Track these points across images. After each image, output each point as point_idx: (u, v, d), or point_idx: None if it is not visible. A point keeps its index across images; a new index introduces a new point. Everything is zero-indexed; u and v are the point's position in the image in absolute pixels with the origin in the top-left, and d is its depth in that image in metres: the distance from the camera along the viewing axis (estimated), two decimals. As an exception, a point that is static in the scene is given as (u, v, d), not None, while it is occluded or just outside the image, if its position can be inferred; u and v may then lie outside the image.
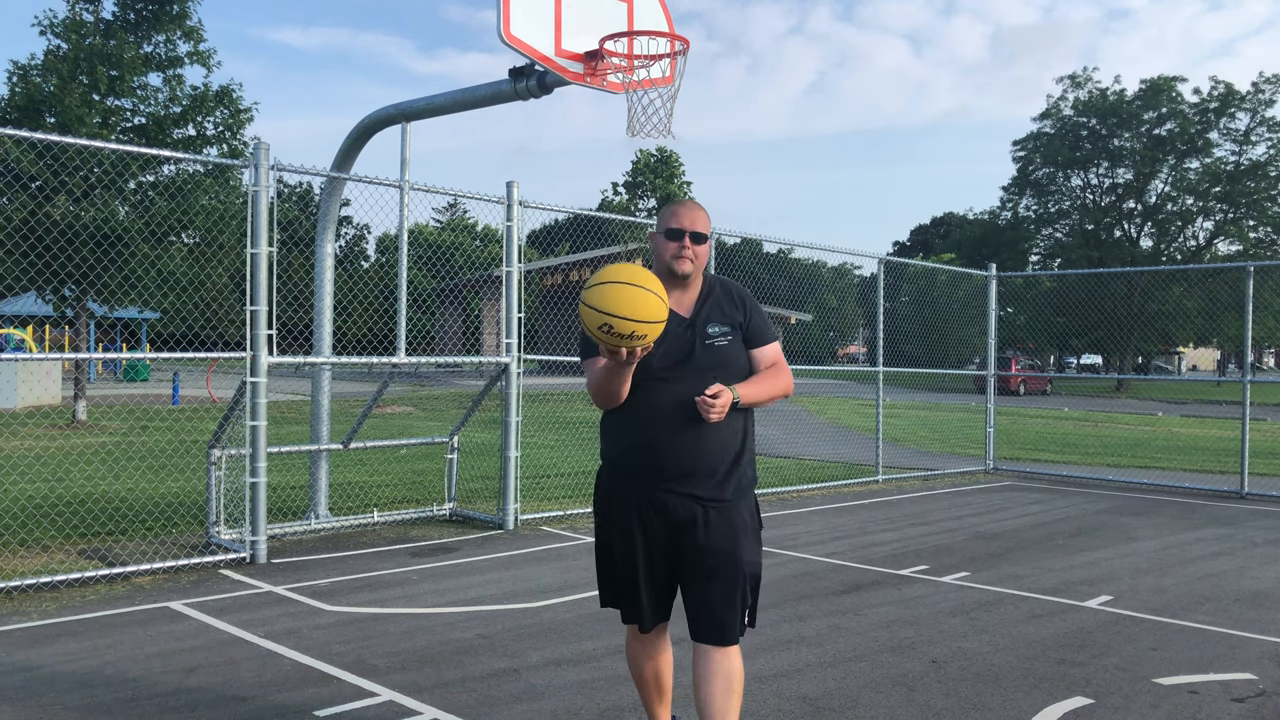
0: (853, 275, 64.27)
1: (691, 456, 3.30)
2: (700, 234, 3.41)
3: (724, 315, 3.43)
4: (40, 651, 5.02)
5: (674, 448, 3.30)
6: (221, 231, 16.97)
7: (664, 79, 7.46)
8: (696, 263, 3.41)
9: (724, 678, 3.32)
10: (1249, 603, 6.39)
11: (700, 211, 3.46)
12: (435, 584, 6.59)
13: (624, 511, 3.39)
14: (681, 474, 3.31)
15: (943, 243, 65.85)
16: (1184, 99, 45.37)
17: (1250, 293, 11.59)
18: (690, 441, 3.29)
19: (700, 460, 3.31)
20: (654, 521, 3.35)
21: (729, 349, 3.38)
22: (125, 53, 16.55)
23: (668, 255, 3.41)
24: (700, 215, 3.45)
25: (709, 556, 3.32)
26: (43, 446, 13.79)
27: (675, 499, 3.32)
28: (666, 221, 3.43)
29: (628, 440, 3.38)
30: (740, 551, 3.36)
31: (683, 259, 3.39)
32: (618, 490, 3.42)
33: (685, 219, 3.41)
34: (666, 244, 3.42)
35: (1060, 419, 25.89)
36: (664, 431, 3.30)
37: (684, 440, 3.29)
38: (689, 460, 3.30)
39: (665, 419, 3.29)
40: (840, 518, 9.65)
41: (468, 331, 42.00)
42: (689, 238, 3.39)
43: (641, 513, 3.36)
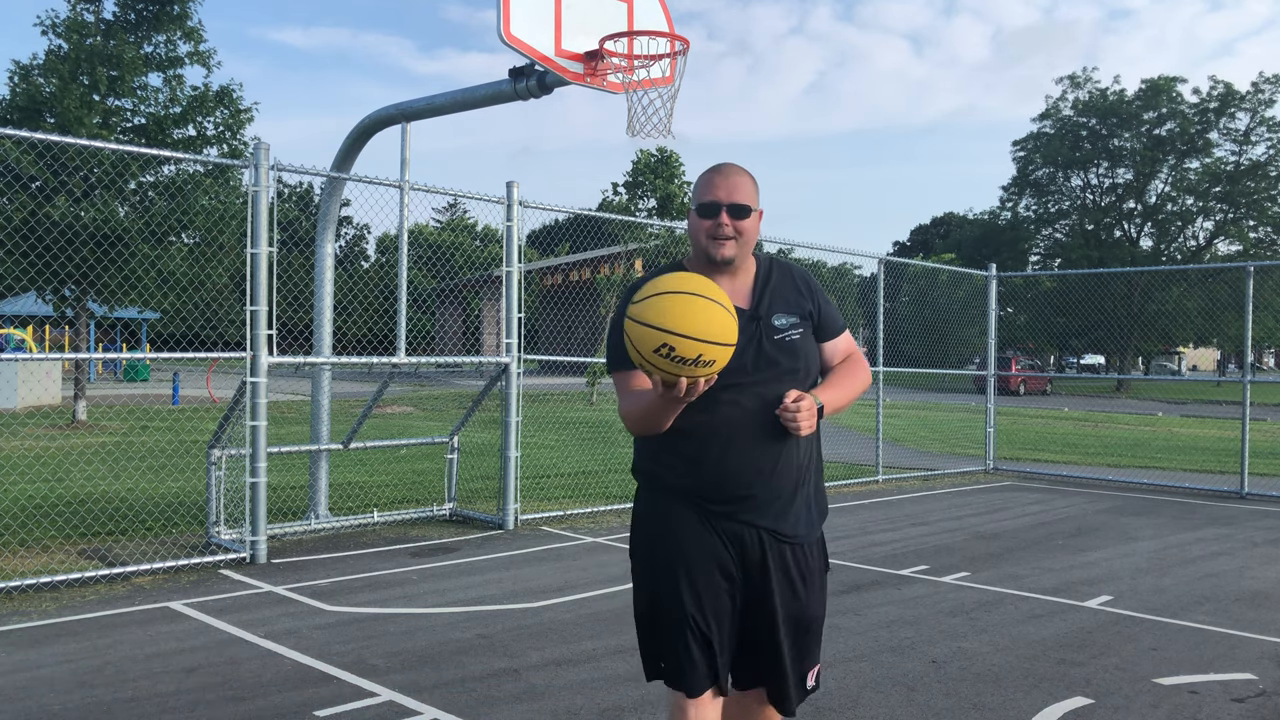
0: (853, 275, 64.25)
1: (762, 483, 2.66)
2: (742, 206, 2.68)
3: (790, 304, 2.77)
4: (40, 651, 5.02)
5: (741, 471, 2.64)
6: (221, 231, 16.96)
7: (664, 79, 7.46)
8: (741, 242, 2.69)
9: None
10: (1249, 603, 6.39)
11: (741, 177, 2.71)
12: (435, 584, 6.58)
13: (675, 548, 2.69)
14: (750, 503, 2.67)
15: (943, 243, 65.83)
16: (1184, 99, 45.38)
17: (1250, 293, 11.59)
18: (762, 463, 2.65)
19: (773, 488, 2.67)
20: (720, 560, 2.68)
21: (802, 344, 2.74)
22: (126, 53, 16.55)
23: (704, 237, 2.69)
24: (743, 182, 2.70)
25: (775, 607, 2.72)
26: (43, 446, 13.79)
27: (744, 532, 2.68)
28: (699, 194, 2.71)
29: (683, 461, 2.68)
30: (810, 603, 2.78)
31: (721, 241, 2.67)
32: (672, 522, 2.71)
33: (720, 189, 2.67)
34: (701, 222, 2.70)
35: (1060, 419, 25.89)
36: (730, 451, 2.64)
37: (754, 462, 2.65)
38: (760, 487, 2.66)
39: (731, 435, 2.64)
40: (840, 518, 9.64)
41: (468, 331, 41.99)
42: (726, 212, 2.66)
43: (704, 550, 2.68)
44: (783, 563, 2.71)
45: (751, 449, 2.64)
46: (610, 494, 10.35)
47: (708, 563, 2.67)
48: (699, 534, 2.68)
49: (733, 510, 2.66)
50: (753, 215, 2.70)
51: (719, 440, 2.64)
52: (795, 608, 2.75)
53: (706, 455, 2.65)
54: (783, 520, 2.70)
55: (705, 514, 2.68)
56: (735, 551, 2.68)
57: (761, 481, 2.66)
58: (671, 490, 2.72)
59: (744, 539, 2.68)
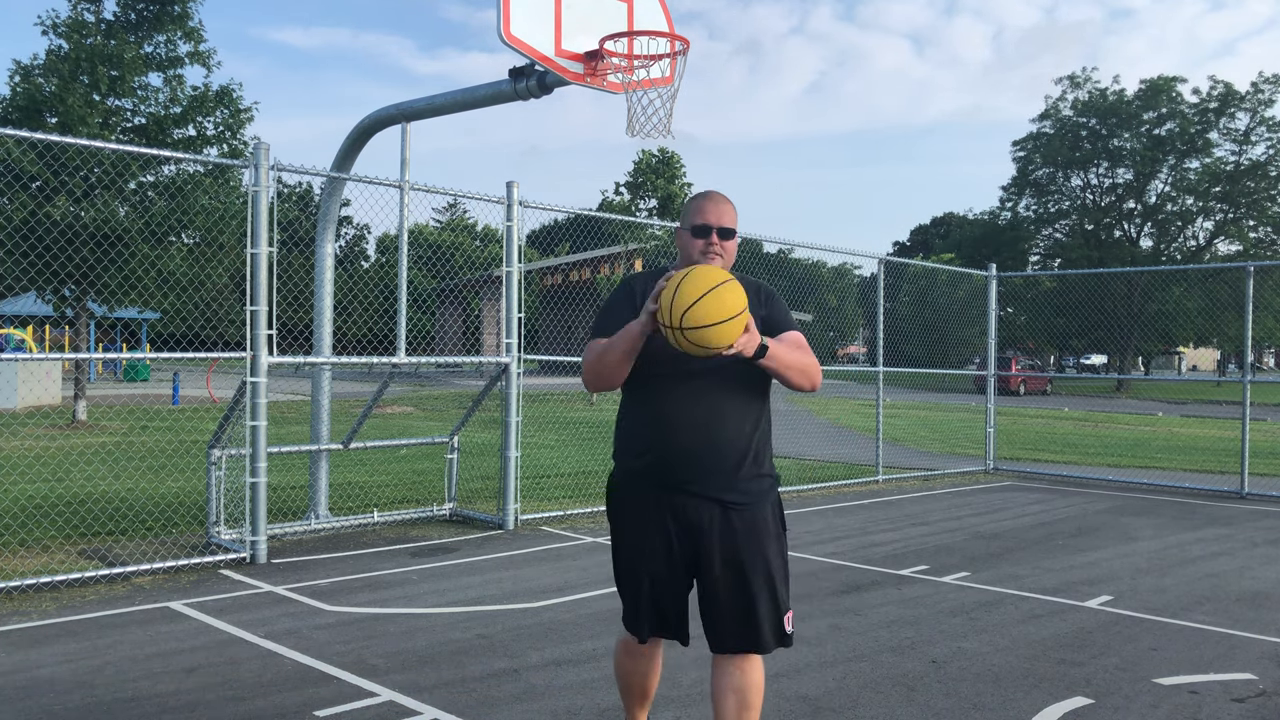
0: (853, 275, 64.21)
1: (710, 455, 3.13)
2: (728, 229, 3.23)
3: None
4: (40, 651, 5.02)
5: (692, 446, 3.12)
6: (221, 231, 16.96)
7: (664, 79, 7.46)
8: (725, 259, 3.22)
9: (737, 690, 3.18)
10: (1249, 603, 6.39)
11: (727, 205, 3.26)
12: (435, 584, 6.58)
13: (638, 514, 3.23)
14: (699, 474, 3.13)
15: (943, 243, 65.84)
16: (1183, 99, 45.39)
17: (1250, 293, 11.59)
18: (710, 442, 3.12)
19: (719, 462, 3.13)
20: (670, 525, 3.17)
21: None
22: (126, 53, 16.55)
23: (696, 253, 3.22)
24: (727, 209, 3.25)
25: (726, 562, 3.15)
26: (43, 446, 13.79)
27: (693, 501, 3.15)
28: (692, 217, 3.23)
29: (645, 440, 3.20)
30: (762, 556, 3.17)
31: (711, 257, 3.20)
32: (632, 492, 3.25)
33: (711, 214, 3.22)
34: (693, 241, 3.22)
35: (1060, 419, 25.89)
36: (681, 433, 3.13)
37: (703, 441, 3.12)
38: (707, 459, 3.13)
39: (684, 415, 3.13)
40: (840, 518, 9.65)
41: (468, 331, 41.99)
42: (716, 234, 3.20)
43: (657, 516, 3.19)
44: (731, 526, 3.15)
45: (701, 430, 3.12)
46: (610, 494, 10.35)
47: (663, 530, 3.18)
48: (657, 506, 3.18)
49: (685, 483, 3.14)
50: (735, 238, 3.26)
51: (673, 423, 3.13)
52: (751, 564, 3.16)
53: (663, 437, 3.15)
54: (729, 490, 3.14)
55: (663, 487, 3.17)
56: (691, 518, 3.15)
57: (710, 457, 3.13)
58: (635, 470, 3.24)
59: (698, 507, 3.15)
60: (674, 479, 3.15)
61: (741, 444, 3.17)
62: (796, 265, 33.82)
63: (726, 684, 3.20)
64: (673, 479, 3.15)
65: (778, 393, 3.60)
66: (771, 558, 3.20)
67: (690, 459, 3.13)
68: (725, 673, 3.20)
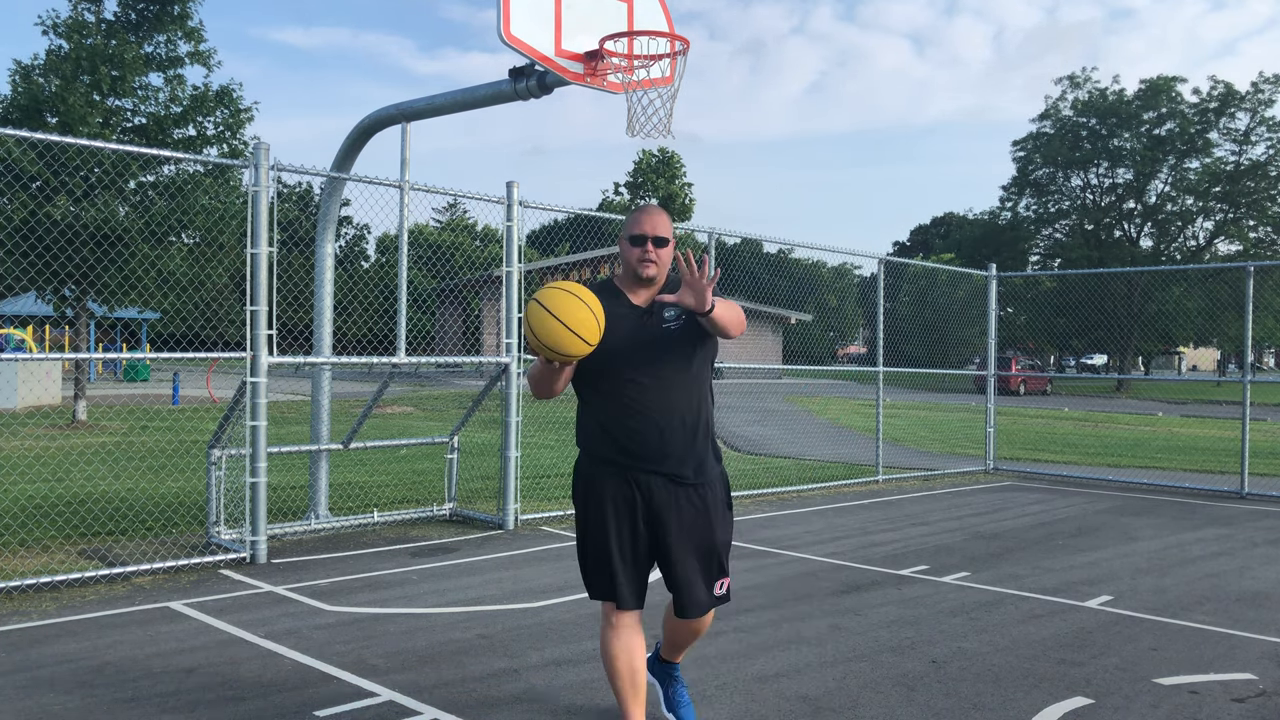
0: (853, 275, 64.24)
1: (667, 442, 3.56)
2: (661, 238, 3.60)
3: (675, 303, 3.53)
4: (40, 651, 5.02)
5: (644, 431, 3.55)
6: (221, 231, 16.96)
7: (664, 79, 7.45)
8: (660, 265, 3.62)
9: (693, 629, 3.83)
10: (1249, 603, 6.39)
11: (661, 216, 3.66)
12: (435, 584, 6.58)
13: (605, 499, 3.61)
14: (662, 458, 3.56)
15: (943, 243, 65.86)
16: (1183, 99, 45.40)
17: (1250, 293, 11.59)
18: (659, 426, 3.55)
19: (668, 444, 3.56)
20: (630, 503, 3.59)
21: (682, 329, 3.61)
22: (126, 53, 16.55)
23: (633, 260, 3.62)
24: (661, 220, 3.64)
25: (684, 534, 3.60)
26: (43, 446, 13.79)
27: (651, 480, 3.58)
28: (629, 228, 3.63)
29: (607, 430, 3.61)
30: (711, 530, 3.64)
31: (646, 263, 3.60)
32: (598, 481, 3.64)
33: (646, 225, 3.60)
34: (631, 249, 3.62)
35: (1060, 419, 25.89)
36: (633, 419, 3.55)
37: (653, 426, 3.55)
38: (658, 445, 3.55)
39: (634, 404, 3.55)
40: (840, 518, 9.65)
41: (468, 331, 41.99)
42: (651, 243, 3.59)
43: (623, 499, 3.59)
44: (679, 501, 3.59)
45: (651, 416, 3.55)
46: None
47: (622, 508, 3.60)
48: (616, 487, 3.60)
49: (639, 463, 3.57)
50: (668, 245, 3.62)
51: (627, 411, 3.56)
52: (696, 534, 3.62)
53: (618, 424, 3.58)
54: (679, 468, 3.58)
55: (620, 469, 3.59)
56: (644, 495, 3.58)
57: (659, 440, 3.55)
58: (595, 455, 3.66)
59: (651, 485, 3.57)
60: (634, 462, 3.58)
61: (689, 429, 3.60)
62: (797, 265, 33.80)
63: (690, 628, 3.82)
64: (633, 462, 3.58)
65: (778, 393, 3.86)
66: (718, 531, 3.67)
67: (647, 444, 3.55)
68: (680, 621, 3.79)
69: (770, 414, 23.49)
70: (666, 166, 51.32)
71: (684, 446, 3.58)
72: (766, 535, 8.59)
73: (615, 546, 3.61)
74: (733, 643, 5.30)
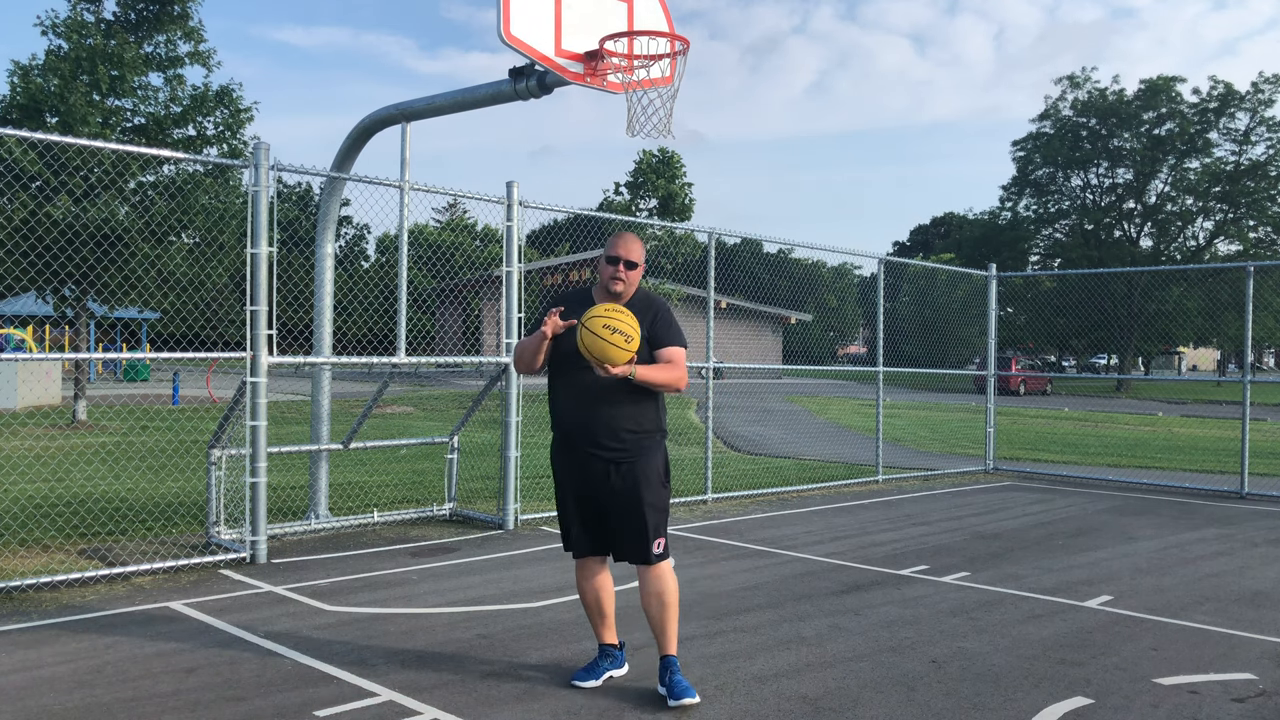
0: (853, 275, 64.27)
1: (604, 427, 4.36)
2: (633, 262, 4.40)
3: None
4: (40, 651, 5.02)
5: (592, 420, 4.37)
6: (221, 231, 16.95)
7: (664, 79, 7.45)
8: (627, 284, 4.42)
9: (655, 595, 4.43)
10: (1249, 603, 6.39)
11: (636, 243, 4.45)
12: (435, 584, 6.58)
13: (563, 469, 4.51)
14: (598, 439, 4.37)
15: (943, 243, 65.86)
16: (1183, 99, 45.39)
17: (1250, 293, 11.59)
18: (604, 416, 4.35)
19: (610, 429, 4.35)
20: (582, 475, 4.42)
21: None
22: (126, 53, 16.54)
23: (605, 277, 4.43)
24: (635, 246, 4.43)
25: (618, 499, 4.38)
26: (43, 446, 13.79)
27: (594, 459, 4.38)
28: (608, 249, 4.41)
29: (562, 415, 4.48)
30: (643, 494, 4.36)
31: (616, 280, 4.41)
32: (559, 454, 4.53)
33: (621, 249, 4.40)
34: (606, 266, 4.42)
35: (1060, 419, 25.89)
36: (583, 408, 4.38)
37: (598, 414, 4.36)
38: (602, 429, 4.36)
39: (585, 398, 4.37)
40: (840, 518, 9.65)
41: (468, 331, 41.97)
42: (623, 265, 4.39)
43: (574, 470, 4.45)
44: (614, 473, 4.37)
45: (597, 406, 4.36)
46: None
47: (579, 476, 4.45)
48: (573, 459, 4.46)
49: (586, 443, 4.39)
50: (638, 269, 4.42)
51: (578, 400, 4.39)
52: (630, 499, 4.36)
53: (571, 410, 4.44)
54: (608, 450, 4.37)
55: (573, 446, 4.45)
56: (593, 469, 4.40)
57: (603, 425, 4.36)
58: (557, 435, 4.54)
59: (595, 461, 4.39)
60: (579, 441, 4.41)
61: (625, 418, 4.36)
62: (797, 265, 33.77)
63: (646, 589, 4.45)
64: (579, 441, 4.41)
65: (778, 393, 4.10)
66: (648, 498, 4.37)
67: (587, 427, 4.38)
68: (645, 581, 4.46)
69: (770, 414, 23.49)
70: (667, 166, 51.25)
71: (616, 431, 4.35)
72: (766, 535, 8.59)
73: (569, 508, 4.50)
74: (733, 643, 5.30)
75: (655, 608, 4.45)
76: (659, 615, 4.44)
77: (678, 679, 4.40)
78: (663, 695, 4.41)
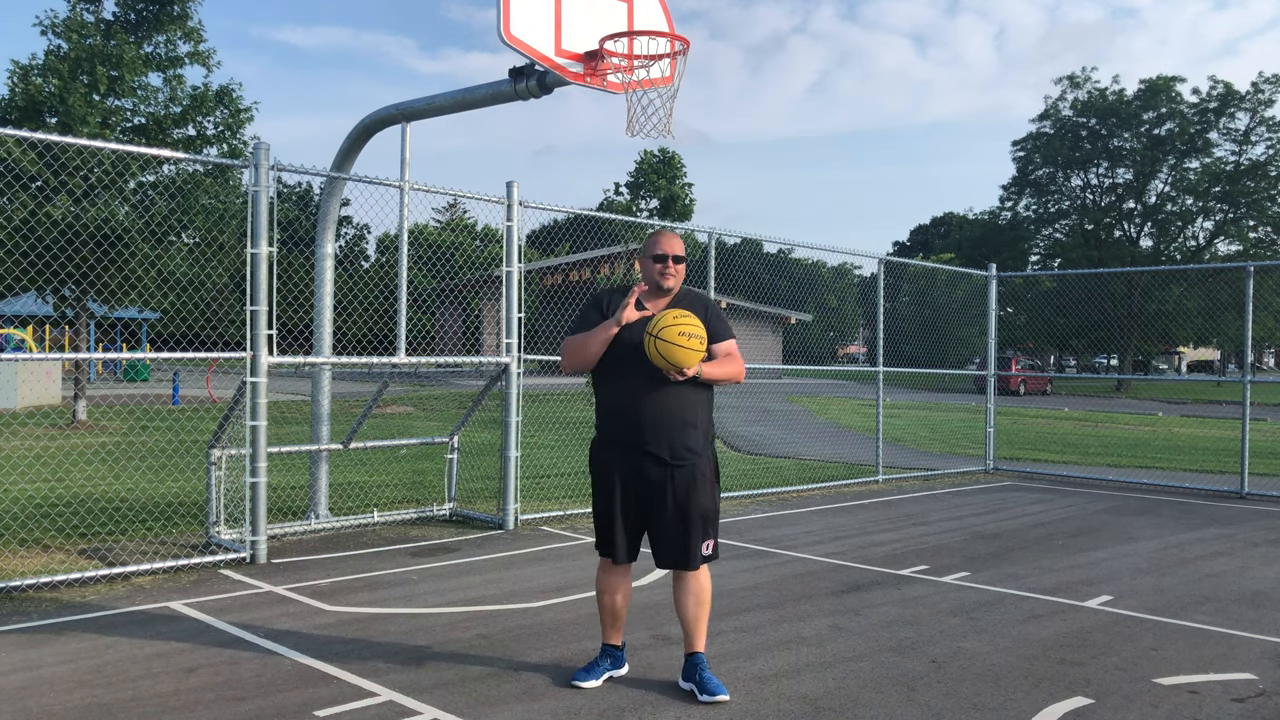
0: (853, 275, 64.26)
1: (661, 427, 4.32)
2: (679, 256, 4.51)
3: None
4: (40, 651, 5.02)
5: (647, 420, 4.32)
6: (221, 231, 16.95)
7: (664, 79, 7.45)
8: (676, 278, 4.52)
9: (694, 594, 4.48)
10: (1249, 603, 6.39)
11: (676, 239, 4.55)
12: (435, 584, 6.58)
13: (612, 471, 4.42)
14: (655, 440, 4.33)
15: (943, 243, 65.86)
16: (1183, 99, 45.38)
17: (1250, 293, 11.59)
18: (661, 415, 4.33)
19: (662, 431, 4.32)
20: (634, 477, 4.37)
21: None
22: (125, 53, 16.54)
23: (655, 274, 4.50)
24: (677, 242, 4.55)
25: (671, 502, 4.35)
26: (43, 446, 13.79)
27: (649, 460, 4.34)
28: (651, 249, 4.51)
29: (614, 415, 4.44)
30: (698, 499, 4.37)
31: (667, 276, 4.49)
32: (608, 455, 4.46)
33: (665, 245, 4.50)
34: (653, 265, 4.51)
35: (1060, 419, 25.89)
36: (638, 408, 4.33)
37: (655, 414, 4.33)
38: (659, 430, 4.32)
39: (641, 398, 4.33)
40: (840, 518, 9.65)
41: (468, 331, 41.97)
42: (671, 260, 4.49)
43: (625, 471, 4.39)
44: (673, 478, 4.36)
45: (650, 406, 4.33)
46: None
47: (624, 479, 4.40)
48: (626, 460, 4.39)
49: (641, 444, 4.35)
50: (683, 263, 4.53)
51: (631, 400, 4.35)
52: (686, 504, 4.36)
53: (623, 410, 4.39)
54: (668, 452, 4.35)
55: (624, 447, 4.40)
56: (639, 470, 4.37)
57: (659, 425, 4.33)
58: (606, 433, 4.49)
59: (646, 463, 4.36)
60: (632, 442, 4.36)
61: (680, 420, 4.35)
62: (797, 265, 33.77)
63: (685, 588, 4.48)
64: (632, 442, 4.36)
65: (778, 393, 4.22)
66: (703, 501, 4.39)
67: (642, 427, 4.33)
68: (684, 579, 4.48)
69: (770, 414, 23.49)
70: (668, 167, 51.28)
71: (674, 433, 4.33)
72: (766, 535, 8.59)
73: (614, 510, 4.41)
74: (733, 643, 5.30)
75: (692, 606, 4.48)
76: (694, 614, 4.48)
77: (707, 676, 4.44)
78: (687, 691, 4.46)
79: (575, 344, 4.44)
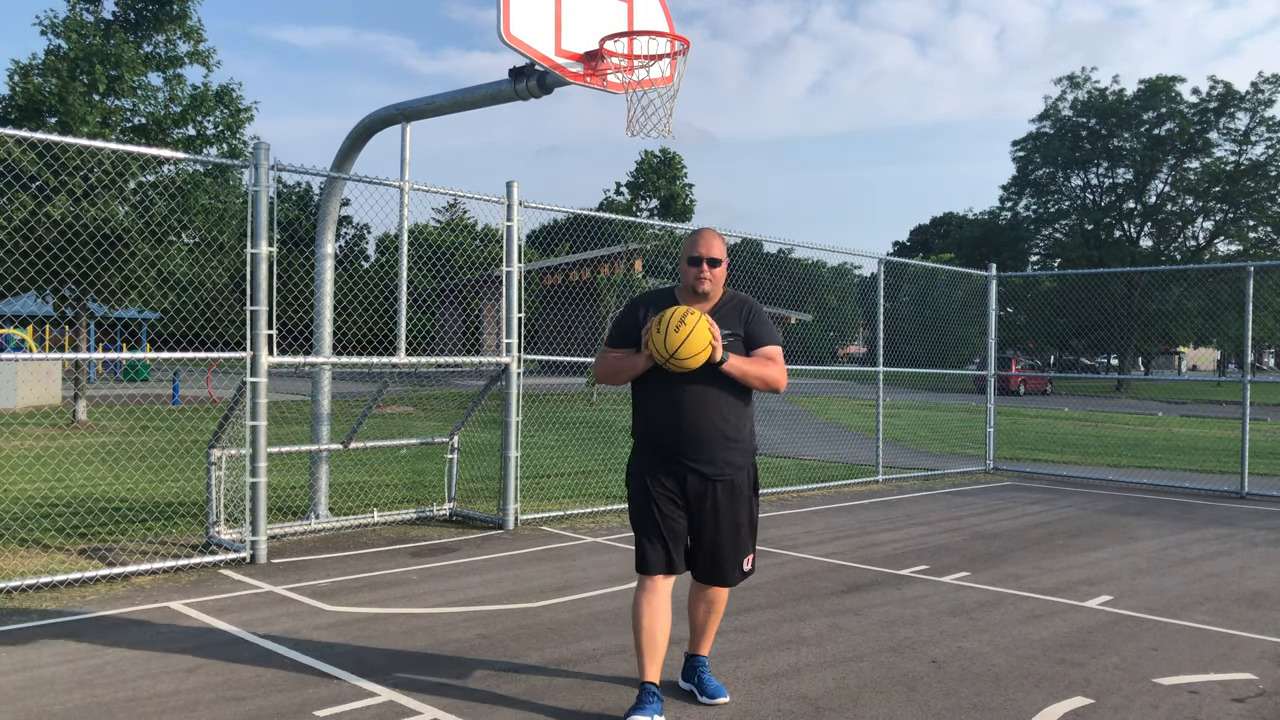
0: (853, 275, 64.23)
1: (703, 440, 4.10)
2: (716, 259, 4.19)
3: (728, 323, 4.17)
4: (40, 651, 5.02)
5: (689, 433, 4.10)
6: (221, 231, 16.95)
7: (664, 79, 7.45)
8: (714, 282, 4.21)
9: (711, 600, 4.38)
10: (1249, 603, 6.39)
11: (717, 240, 4.23)
12: (435, 584, 6.58)
13: (646, 481, 4.17)
14: (698, 453, 4.10)
15: (943, 243, 65.86)
16: (1183, 99, 45.38)
17: (1250, 293, 11.58)
18: (703, 427, 4.09)
19: (703, 444, 4.10)
20: (668, 489, 4.13)
21: (730, 346, 4.12)
22: (125, 53, 16.54)
23: (690, 278, 4.21)
24: (716, 243, 4.22)
25: (713, 517, 4.16)
26: (43, 446, 13.79)
27: (692, 474, 4.12)
28: (688, 251, 4.21)
29: (654, 427, 4.18)
30: (737, 515, 4.22)
31: (702, 280, 4.19)
32: (648, 467, 4.19)
33: (702, 248, 4.19)
34: (689, 268, 4.21)
35: (1060, 419, 25.89)
36: (679, 420, 4.10)
37: (692, 427, 4.09)
38: (701, 443, 4.10)
39: (682, 408, 4.10)
40: (840, 518, 9.65)
41: (468, 331, 41.97)
42: (706, 264, 4.18)
43: (666, 485, 4.14)
44: (714, 492, 4.15)
45: (691, 418, 4.10)
46: (610, 494, 10.35)
47: (663, 491, 4.15)
48: (660, 472, 4.16)
49: (679, 456, 4.13)
50: (722, 265, 4.21)
51: (671, 412, 4.12)
52: (727, 518, 4.18)
53: (664, 422, 4.15)
54: (710, 465, 4.13)
55: (664, 459, 4.16)
56: (682, 483, 4.14)
57: (696, 439, 4.10)
58: (646, 445, 4.24)
59: (687, 476, 4.13)
60: (674, 455, 4.13)
61: (720, 430, 4.12)
62: (797, 265, 33.79)
63: (703, 594, 4.36)
64: (673, 455, 4.13)
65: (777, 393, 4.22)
66: (743, 516, 4.24)
67: (684, 440, 4.11)
68: (700, 589, 4.36)
69: (770, 414, 23.48)
70: (668, 167, 51.23)
71: (716, 446, 4.11)
72: (766, 535, 8.58)
73: (654, 524, 4.13)
74: (733, 643, 5.30)
75: (706, 613, 4.42)
76: (707, 620, 4.43)
77: (708, 678, 4.45)
78: (687, 691, 4.48)
79: (608, 368, 4.26)
